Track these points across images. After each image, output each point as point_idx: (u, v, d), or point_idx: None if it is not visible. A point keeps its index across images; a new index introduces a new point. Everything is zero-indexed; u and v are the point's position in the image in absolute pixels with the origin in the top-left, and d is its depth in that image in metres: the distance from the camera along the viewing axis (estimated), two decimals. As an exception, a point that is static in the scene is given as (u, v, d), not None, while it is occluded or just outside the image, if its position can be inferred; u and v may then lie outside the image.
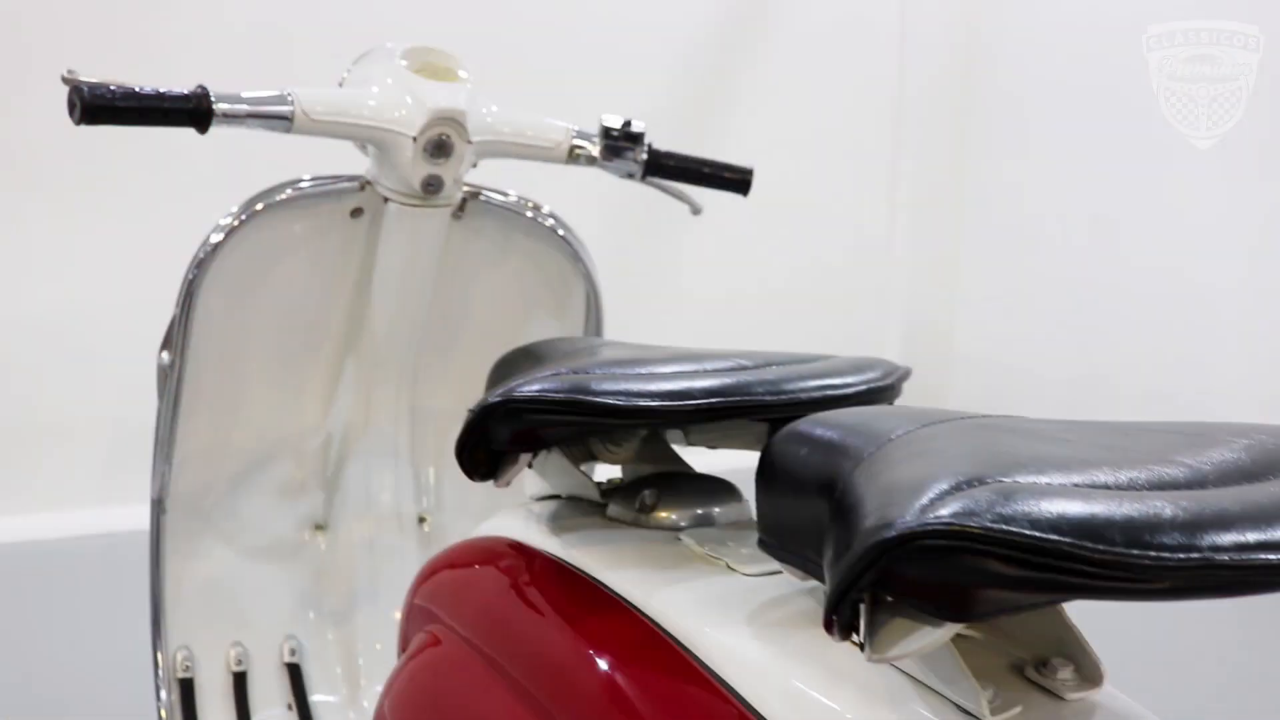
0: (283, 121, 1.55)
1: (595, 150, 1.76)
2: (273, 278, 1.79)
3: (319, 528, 1.96)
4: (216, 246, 1.67)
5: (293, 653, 1.89)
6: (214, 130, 1.52)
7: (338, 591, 1.94)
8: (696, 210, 1.95)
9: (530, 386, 1.07)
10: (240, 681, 1.85)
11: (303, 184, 1.73)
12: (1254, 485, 0.76)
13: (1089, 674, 0.90)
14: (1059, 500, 0.69)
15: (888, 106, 4.36)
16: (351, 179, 1.75)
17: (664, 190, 1.88)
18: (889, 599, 0.75)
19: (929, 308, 4.97)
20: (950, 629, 0.75)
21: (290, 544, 1.94)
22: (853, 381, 1.17)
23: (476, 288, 1.92)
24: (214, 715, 1.82)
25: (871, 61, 4.21)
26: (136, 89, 1.46)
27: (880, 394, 1.17)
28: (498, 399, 1.08)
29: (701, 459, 1.34)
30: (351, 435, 1.95)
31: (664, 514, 1.20)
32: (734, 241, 3.87)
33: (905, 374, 1.24)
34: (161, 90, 1.48)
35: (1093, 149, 4.33)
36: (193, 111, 1.49)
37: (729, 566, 1.09)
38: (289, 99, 1.54)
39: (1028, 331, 4.66)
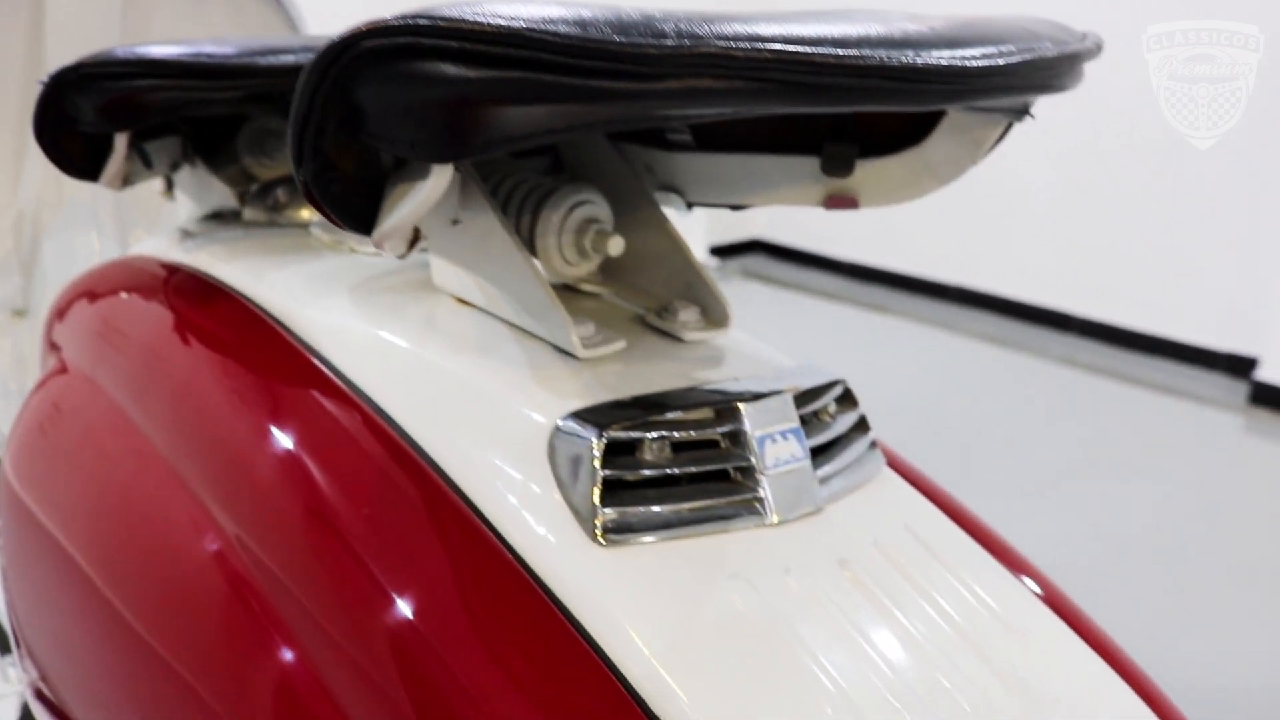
0: None
1: None
2: None
3: (18, 313, 1.80)
4: None
5: None
6: None
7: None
8: None
9: (114, 53, 0.93)
10: None
11: None
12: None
13: (715, 318, 0.82)
14: (547, 4, 0.58)
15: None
16: None
17: None
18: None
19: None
20: (443, 175, 0.65)
21: None
22: None
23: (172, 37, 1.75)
24: None
25: None
26: None
27: None
28: (70, 65, 0.94)
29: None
30: (45, 211, 1.77)
31: (296, 210, 1.08)
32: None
33: None
34: None
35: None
36: None
37: (352, 249, 0.98)
38: None
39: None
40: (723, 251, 5.26)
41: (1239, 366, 3.84)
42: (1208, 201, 3.82)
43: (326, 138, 0.64)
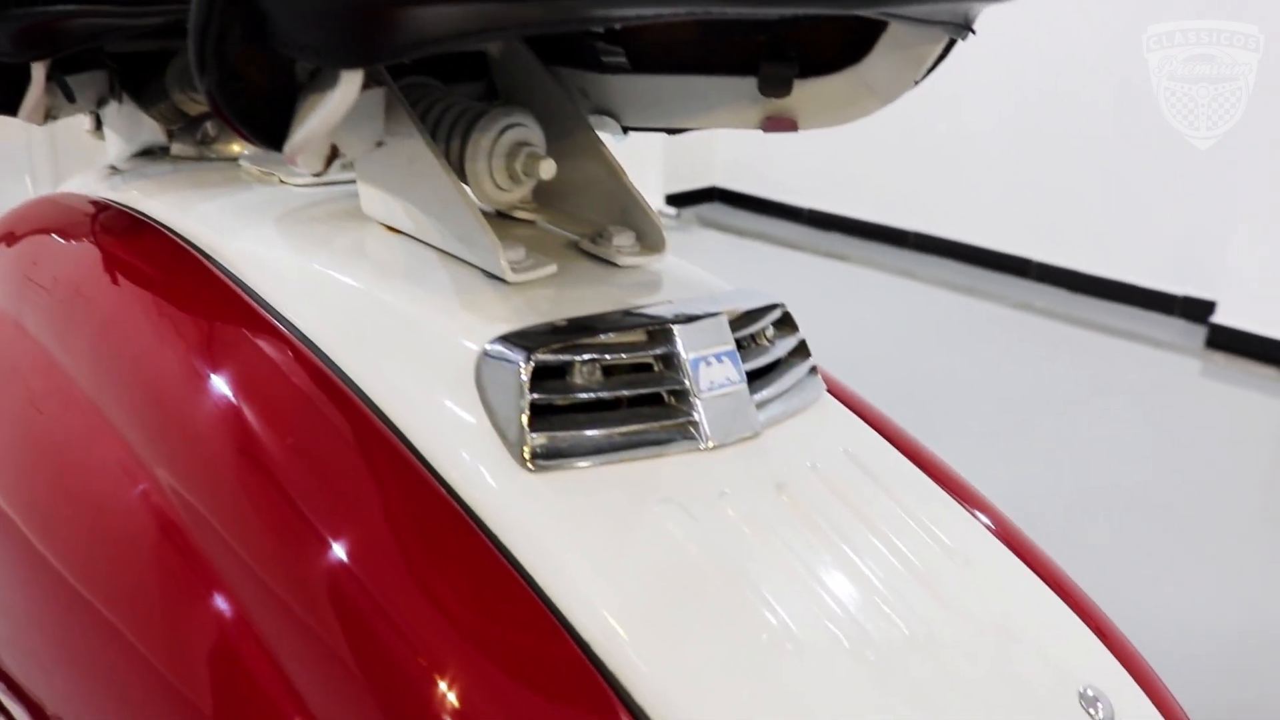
0: None
1: None
2: None
3: None
4: None
5: None
6: None
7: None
8: None
9: None
10: None
11: None
12: None
13: (651, 243, 0.80)
14: None
15: None
16: None
17: None
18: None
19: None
20: (353, 83, 0.62)
21: None
22: None
23: None
24: None
25: None
26: None
27: None
28: None
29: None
30: None
31: (226, 144, 1.05)
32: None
33: None
34: None
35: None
36: None
37: (281, 181, 0.96)
38: None
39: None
40: (679, 200, 5.23)
41: (1196, 310, 3.85)
42: (1165, 147, 3.81)
43: (229, 43, 0.61)
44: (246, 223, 0.88)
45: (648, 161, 4.42)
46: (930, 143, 4.51)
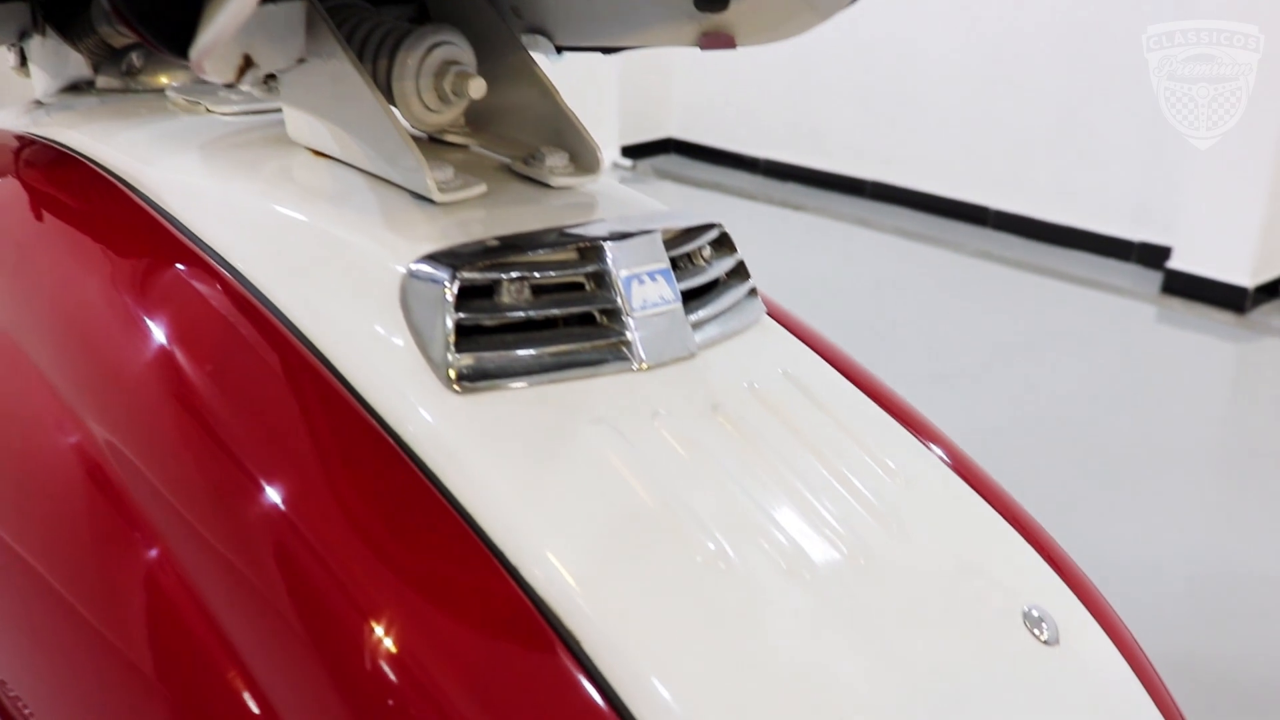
0: None
1: None
2: None
3: None
4: None
5: None
6: None
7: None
8: None
9: None
10: None
11: None
12: None
13: (585, 164, 0.78)
14: None
15: None
16: None
17: None
18: None
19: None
20: None
21: None
22: None
23: None
24: None
25: None
26: None
27: None
28: None
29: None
30: None
31: (154, 76, 1.02)
32: None
33: None
34: None
35: None
36: None
37: (208, 110, 0.93)
38: None
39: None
40: (635, 151, 5.18)
41: (1152, 256, 3.86)
42: (1120, 93, 3.81)
43: None
44: (169, 151, 0.85)
45: (603, 113, 4.38)
46: (886, 91, 4.50)
